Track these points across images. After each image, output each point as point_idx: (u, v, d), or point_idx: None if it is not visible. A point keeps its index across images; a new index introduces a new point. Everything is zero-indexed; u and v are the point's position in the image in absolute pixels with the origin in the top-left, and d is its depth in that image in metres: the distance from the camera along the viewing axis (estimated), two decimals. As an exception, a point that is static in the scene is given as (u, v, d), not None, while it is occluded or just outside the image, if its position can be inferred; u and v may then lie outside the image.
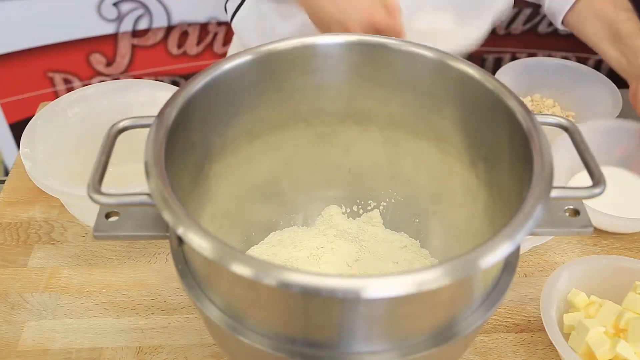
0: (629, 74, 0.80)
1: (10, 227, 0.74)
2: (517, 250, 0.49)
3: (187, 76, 1.52)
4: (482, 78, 0.52)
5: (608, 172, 0.76)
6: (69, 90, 1.49)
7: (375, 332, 0.42)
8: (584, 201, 0.46)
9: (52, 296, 0.66)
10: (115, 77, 1.55)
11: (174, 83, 1.45)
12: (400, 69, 0.56)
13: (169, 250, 0.49)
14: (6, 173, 1.47)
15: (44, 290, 0.66)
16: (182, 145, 0.50)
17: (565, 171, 0.75)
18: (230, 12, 1.00)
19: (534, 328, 0.63)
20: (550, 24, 1.55)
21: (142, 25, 1.46)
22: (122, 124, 0.49)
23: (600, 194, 0.43)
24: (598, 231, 0.73)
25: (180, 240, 0.41)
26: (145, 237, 0.45)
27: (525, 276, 0.68)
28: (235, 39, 1.08)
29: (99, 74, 1.52)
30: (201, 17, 1.45)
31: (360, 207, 0.68)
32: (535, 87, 0.90)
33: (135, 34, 1.46)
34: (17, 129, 1.52)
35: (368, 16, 0.68)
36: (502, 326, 0.63)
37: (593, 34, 0.84)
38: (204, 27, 1.47)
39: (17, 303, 0.65)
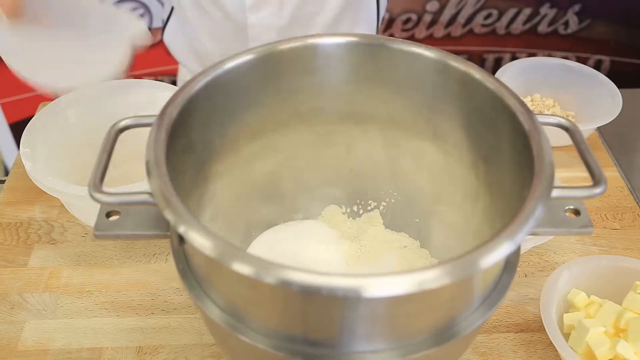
0: None
1: (10, 227, 0.74)
2: (518, 250, 0.49)
3: (187, 76, 1.51)
4: (482, 78, 0.52)
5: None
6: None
7: (375, 332, 0.42)
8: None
9: (52, 296, 0.66)
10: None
11: (174, 83, 1.45)
12: (400, 69, 0.56)
13: (169, 250, 0.49)
14: (6, 173, 1.47)
15: (44, 290, 0.66)
16: (182, 145, 0.50)
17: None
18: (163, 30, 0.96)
19: (534, 328, 0.63)
20: (550, 23, 1.55)
21: (142, 25, 1.46)
22: (122, 123, 0.49)
23: (600, 193, 0.43)
24: (598, 231, 0.73)
25: (181, 239, 0.41)
26: (146, 236, 0.45)
27: (525, 276, 0.68)
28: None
29: (99, 74, 1.52)
30: (201, 17, 1.45)
31: (360, 207, 0.68)
32: (535, 87, 0.90)
33: (135, 34, 1.46)
34: (17, 129, 1.53)
35: None
36: (502, 326, 0.63)
37: None
38: (204, 27, 1.47)
39: (17, 303, 0.65)
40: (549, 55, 1.56)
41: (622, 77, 0.97)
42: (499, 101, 0.50)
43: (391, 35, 1.62)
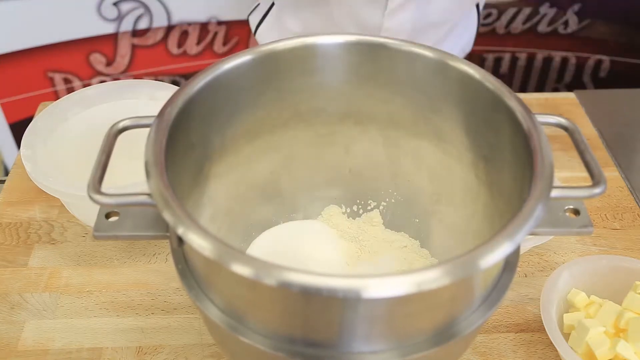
0: None
1: (10, 227, 0.74)
2: (518, 250, 0.49)
3: (187, 76, 1.52)
4: (482, 78, 0.52)
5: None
6: (69, 90, 1.49)
7: (375, 332, 0.42)
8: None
9: (52, 296, 0.66)
10: (115, 77, 1.55)
11: (174, 83, 1.45)
12: (400, 68, 0.56)
13: (169, 250, 0.49)
14: (6, 173, 1.47)
15: (44, 290, 0.66)
16: (182, 145, 0.50)
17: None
18: (253, 25, 0.99)
19: (534, 328, 0.63)
20: (550, 23, 1.55)
21: (142, 25, 1.45)
22: (122, 124, 0.49)
23: (600, 193, 0.43)
24: (598, 231, 0.73)
25: (180, 240, 0.41)
26: (145, 237, 0.45)
27: (525, 276, 0.68)
28: None
29: (99, 73, 1.52)
30: (201, 17, 1.45)
31: (360, 207, 0.68)
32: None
33: (135, 33, 1.46)
34: (17, 129, 1.52)
35: None
36: (502, 326, 0.63)
37: None
38: (204, 27, 1.47)
39: (17, 303, 0.65)
40: (549, 55, 1.56)
41: (622, 77, 0.97)
42: (499, 101, 0.50)
43: (391, 34, 1.61)
